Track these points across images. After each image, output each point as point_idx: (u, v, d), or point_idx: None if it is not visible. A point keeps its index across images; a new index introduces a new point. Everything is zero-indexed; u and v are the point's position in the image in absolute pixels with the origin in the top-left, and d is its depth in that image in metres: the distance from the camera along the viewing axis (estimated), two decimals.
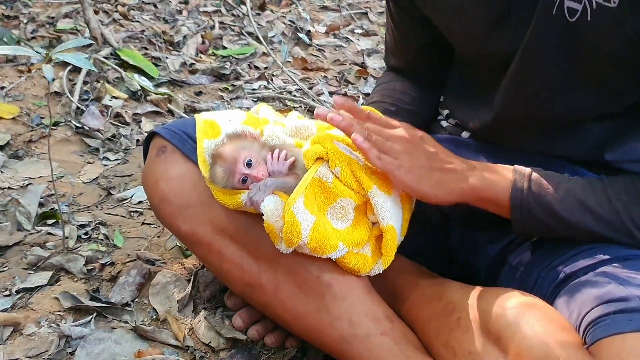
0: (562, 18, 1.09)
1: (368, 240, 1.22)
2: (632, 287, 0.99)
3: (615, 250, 1.11)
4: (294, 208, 1.13)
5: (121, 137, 2.24)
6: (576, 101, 1.19)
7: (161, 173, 1.34)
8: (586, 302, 1.01)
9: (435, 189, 1.17)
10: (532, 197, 1.14)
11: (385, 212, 1.18)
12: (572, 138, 1.27)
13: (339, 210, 1.20)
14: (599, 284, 1.03)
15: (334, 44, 3.62)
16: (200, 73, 2.86)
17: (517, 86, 1.22)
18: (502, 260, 1.31)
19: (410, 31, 1.47)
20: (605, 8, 1.04)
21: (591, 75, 1.14)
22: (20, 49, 1.36)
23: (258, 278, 1.27)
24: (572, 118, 1.23)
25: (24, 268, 1.55)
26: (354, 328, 1.21)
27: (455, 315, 1.16)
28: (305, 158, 1.21)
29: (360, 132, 1.16)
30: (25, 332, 1.35)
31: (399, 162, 1.16)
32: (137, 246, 1.69)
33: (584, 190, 1.14)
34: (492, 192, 1.17)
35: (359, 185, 1.18)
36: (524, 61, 1.17)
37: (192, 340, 1.38)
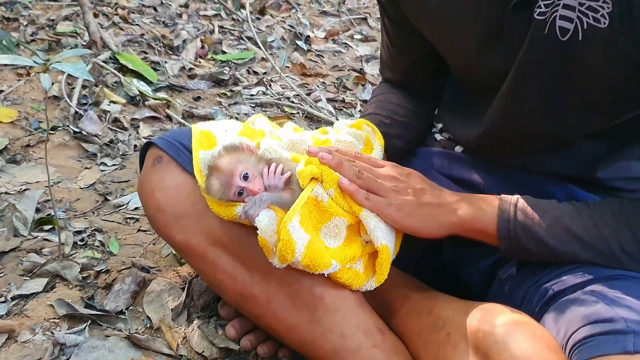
0: (554, 37, 1.10)
1: (361, 256, 1.23)
2: (619, 307, 1.00)
3: (602, 269, 1.12)
4: (289, 226, 1.14)
5: (119, 143, 2.25)
6: (568, 120, 1.21)
7: (157, 183, 1.36)
8: (573, 321, 1.02)
9: (424, 224, 1.21)
10: (520, 227, 1.16)
11: (379, 232, 1.20)
12: (564, 156, 1.28)
13: (332, 229, 1.22)
14: (587, 303, 1.04)
15: (332, 49, 3.64)
16: (199, 78, 2.87)
17: (510, 104, 1.23)
18: (492, 275, 1.32)
19: (405, 45, 1.49)
20: (595, 28, 1.05)
21: (583, 95, 1.15)
22: (19, 58, 1.38)
23: (251, 289, 1.28)
24: (563, 137, 1.25)
25: (19, 274, 1.56)
26: (345, 340, 1.22)
27: (444, 331, 1.17)
28: (300, 177, 1.22)
29: (349, 170, 1.21)
30: (20, 339, 1.36)
31: (388, 201, 1.21)
32: (132, 253, 1.70)
33: (571, 218, 1.15)
34: (480, 223, 1.20)
35: (350, 208, 1.20)
36: (517, 79, 1.19)
37: (186, 349, 1.39)
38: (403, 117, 1.52)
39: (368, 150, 1.41)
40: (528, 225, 1.16)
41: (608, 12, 1.04)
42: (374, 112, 1.53)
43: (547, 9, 1.09)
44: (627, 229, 1.12)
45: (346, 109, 2.87)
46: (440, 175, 1.45)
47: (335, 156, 1.22)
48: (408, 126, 1.52)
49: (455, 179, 1.42)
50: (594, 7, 1.05)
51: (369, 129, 1.44)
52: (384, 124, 1.49)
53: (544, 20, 1.10)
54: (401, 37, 1.47)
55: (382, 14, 1.48)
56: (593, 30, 1.06)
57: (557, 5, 1.08)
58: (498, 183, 1.35)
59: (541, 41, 1.12)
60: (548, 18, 1.10)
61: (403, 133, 1.50)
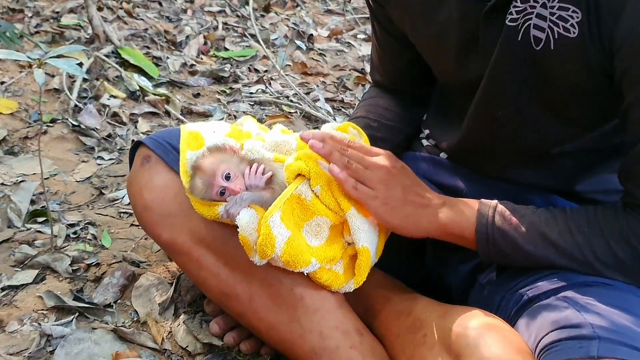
0: (527, 46, 1.12)
1: (342, 258, 1.26)
2: (588, 314, 1.02)
3: (577, 276, 1.14)
4: (270, 221, 1.16)
5: (117, 137, 2.28)
6: (540, 129, 1.22)
7: (145, 182, 1.38)
8: (543, 326, 1.04)
9: (405, 223, 1.22)
10: (497, 231, 1.18)
11: (361, 233, 1.22)
12: (543, 168, 1.30)
13: (314, 227, 1.24)
14: (557, 308, 1.06)
15: (335, 48, 3.65)
16: (200, 75, 2.90)
17: (483, 110, 1.25)
18: (472, 279, 1.35)
19: (393, 50, 1.51)
20: (566, 38, 1.07)
21: (555, 105, 1.17)
22: (14, 53, 1.40)
23: (234, 288, 1.31)
24: (538, 148, 1.27)
25: (11, 265, 1.59)
26: (324, 340, 1.24)
27: (421, 332, 1.20)
28: (287, 171, 1.24)
29: (339, 161, 1.21)
30: (8, 329, 1.39)
31: (375, 193, 1.21)
32: (124, 247, 1.72)
33: (547, 224, 1.16)
34: (458, 227, 1.21)
35: (337, 206, 1.22)
36: (488, 87, 1.21)
37: (170, 343, 1.42)
38: (390, 121, 1.54)
39: None
40: (505, 230, 1.18)
41: (577, 22, 1.05)
42: (361, 116, 1.55)
43: (518, 15, 1.11)
44: (600, 237, 1.13)
45: (345, 109, 2.88)
46: (425, 180, 1.46)
47: (326, 145, 1.23)
48: (395, 130, 1.54)
49: (438, 185, 1.44)
50: (564, 16, 1.06)
51: (354, 131, 1.46)
52: (370, 127, 1.51)
53: (516, 26, 1.12)
54: (390, 42, 1.49)
55: (372, 17, 1.50)
56: (563, 40, 1.08)
57: (529, 13, 1.10)
58: (480, 191, 1.37)
59: (513, 48, 1.14)
60: (520, 25, 1.11)
61: (390, 137, 1.52)
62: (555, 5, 1.07)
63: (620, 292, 1.09)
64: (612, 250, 1.12)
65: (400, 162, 1.28)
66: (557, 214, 1.18)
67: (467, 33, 1.21)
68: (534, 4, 1.09)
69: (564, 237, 1.15)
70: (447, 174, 1.43)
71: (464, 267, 1.37)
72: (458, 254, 1.37)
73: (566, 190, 1.30)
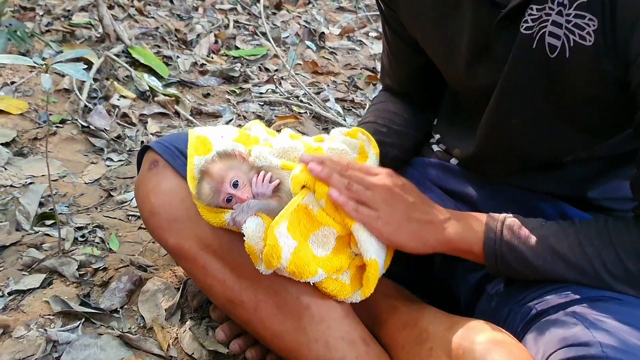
0: (542, 53, 1.10)
1: (349, 268, 1.24)
2: (597, 331, 1.00)
3: (588, 290, 1.12)
4: (276, 231, 1.15)
5: (126, 138, 2.28)
6: (554, 138, 1.21)
7: (152, 187, 1.38)
8: (551, 343, 1.02)
9: (411, 241, 1.21)
10: (505, 246, 1.16)
11: (369, 246, 1.21)
12: (555, 176, 1.29)
13: (321, 237, 1.22)
14: (566, 325, 1.04)
15: (347, 46, 3.64)
16: (210, 74, 2.89)
17: (497, 118, 1.23)
18: (481, 289, 1.33)
19: (404, 55, 1.49)
20: (581, 46, 1.05)
21: (568, 112, 1.15)
22: (20, 57, 1.39)
23: (239, 295, 1.30)
24: (551, 155, 1.25)
25: (19, 269, 1.59)
26: (329, 351, 1.23)
27: (427, 345, 1.18)
28: (293, 182, 1.23)
29: (339, 183, 1.21)
30: (15, 334, 1.39)
31: (377, 214, 1.20)
32: (131, 251, 1.72)
33: (557, 237, 1.14)
34: (466, 242, 1.20)
35: (342, 220, 1.21)
36: (503, 94, 1.19)
37: (176, 350, 1.42)
38: (400, 126, 1.52)
39: (362, 159, 1.41)
40: (513, 245, 1.16)
41: (593, 30, 1.03)
42: (370, 121, 1.54)
43: (534, 23, 1.09)
44: (611, 249, 1.11)
45: (355, 109, 2.87)
46: (434, 186, 1.45)
47: (325, 168, 1.22)
48: (405, 135, 1.52)
49: (448, 191, 1.43)
50: (580, 24, 1.04)
51: (364, 137, 1.45)
52: (380, 132, 1.49)
53: (531, 34, 1.10)
54: (401, 47, 1.48)
55: (383, 22, 1.49)
56: (579, 48, 1.06)
57: (545, 20, 1.08)
58: (491, 198, 1.36)
59: (528, 55, 1.12)
60: (535, 33, 1.10)
61: (399, 142, 1.50)
62: (571, 13, 1.05)
63: (631, 308, 1.07)
64: (623, 263, 1.10)
65: (402, 179, 1.27)
66: (567, 226, 1.16)
67: (479, 40, 1.20)
68: (550, 12, 1.07)
69: (573, 251, 1.13)
70: (458, 181, 1.41)
71: (473, 277, 1.35)
72: (467, 263, 1.35)
73: (578, 197, 1.28)
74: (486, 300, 1.30)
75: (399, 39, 1.46)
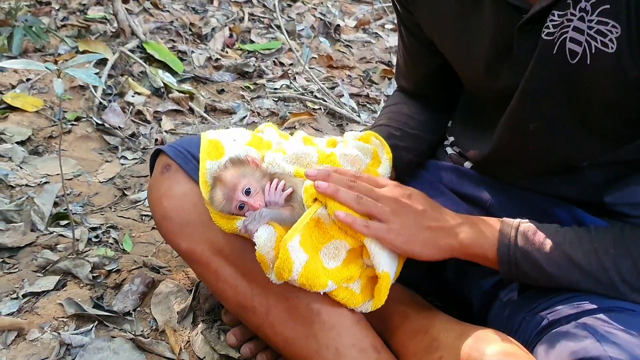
0: (563, 59, 1.09)
1: (360, 277, 1.24)
2: (608, 345, 0.99)
3: (600, 300, 1.11)
4: (289, 245, 1.16)
5: (140, 136, 2.29)
6: (573, 143, 1.19)
7: (165, 191, 1.38)
8: (561, 355, 1.01)
9: (425, 249, 1.21)
10: (519, 252, 1.15)
11: (381, 259, 1.20)
12: (571, 180, 1.27)
13: (332, 250, 1.22)
14: (577, 337, 1.03)
15: (362, 39, 3.61)
16: (224, 70, 2.89)
17: (515, 122, 1.22)
18: (494, 294, 1.32)
19: (420, 56, 1.48)
20: (603, 53, 1.04)
21: (589, 119, 1.14)
22: (33, 63, 1.39)
23: (251, 300, 1.30)
24: (569, 160, 1.23)
25: (33, 270, 1.60)
26: (339, 358, 1.23)
27: (438, 354, 1.18)
28: (305, 194, 1.23)
29: (347, 197, 1.21)
30: (29, 337, 1.40)
31: (388, 226, 1.20)
32: (145, 252, 1.73)
33: (572, 245, 1.13)
34: (480, 248, 1.19)
35: (354, 233, 1.20)
36: (522, 99, 1.18)
37: (188, 353, 1.42)
38: (414, 129, 1.51)
39: (375, 163, 1.41)
40: (528, 251, 1.15)
41: (616, 37, 1.02)
42: (384, 124, 1.53)
43: (555, 29, 1.08)
44: (627, 258, 1.10)
45: (370, 105, 2.85)
46: (447, 190, 1.44)
47: (332, 184, 1.22)
48: (419, 139, 1.51)
49: (462, 195, 1.42)
50: (603, 31, 1.03)
51: (377, 142, 1.44)
52: (394, 136, 1.48)
53: (552, 40, 1.09)
54: (417, 48, 1.46)
55: (399, 22, 1.47)
56: (600, 55, 1.04)
57: (566, 27, 1.07)
58: (505, 202, 1.34)
59: (549, 61, 1.10)
60: (557, 39, 1.08)
61: (413, 146, 1.49)
62: (594, 19, 1.03)
63: None
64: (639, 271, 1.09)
65: (409, 189, 1.27)
66: (582, 233, 1.15)
67: (500, 44, 1.18)
68: (571, 17, 1.06)
69: (588, 259, 1.12)
70: (472, 185, 1.40)
71: (486, 282, 1.34)
72: (480, 268, 1.34)
73: (594, 201, 1.26)
74: (499, 308, 1.29)
75: (415, 40, 1.44)
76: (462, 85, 1.47)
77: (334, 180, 1.23)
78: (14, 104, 2.28)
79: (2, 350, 1.37)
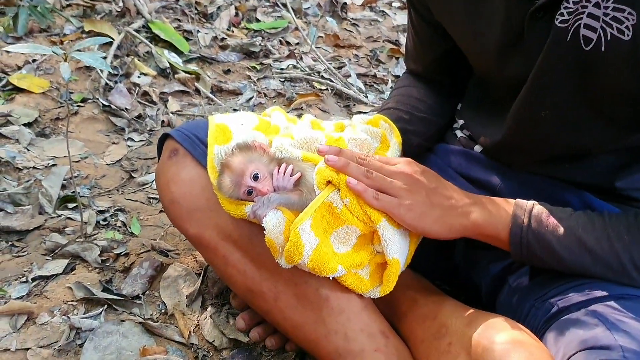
0: (576, 46, 1.07)
1: (369, 264, 1.24)
2: (618, 333, 0.99)
3: (610, 288, 1.11)
4: (300, 229, 1.15)
5: (147, 118, 2.28)
6: (585, 131, 1.18)
7: (172, 176, 1.37)
8: (571, 344, 1.01)
9: (436, 226, 1.20)
10: (532, 234, 1.15)
11: (392, 245, 1.20)
12: (582, 165, 1.26)
13: (343, 235, 1.22)
14: (587, 325, 1.03)
15: (369, 17, 3.58)
16: (230, 49, 2.87)
17: (527, 110, 1.21)
18: (503, 279, 1.32)
19: (429, 39, 1.46)
20: (618, 40, 1.03)
21: (602, 107, 1.13)
22: (39, 47, 1.39)
23: (259, 285, 1.30)
24: (580, 147, 1.22)
25: (42, 254, 1.61)
26: (348, 343, 1.23)
27: (446, 340, 1.18)
28: (318, 175, 1.22)
29: (356, 171, 1.19)
30: (39, 321, 1.41)
31: (399, 201, 1.19)
32: (153, 235, 1.73)
33: (585, 229, 1.13)
34: (493, 228, 1.19)
35: (367, 218, 1.20)
36: (534, 86, 1.16)
37: (197, 337, 1.43)
38: (423, 113, 1.50)
39: (384, 147, 1.40)
40: (541, 234, 1.15)
41: (632, 24, 1.01)
42: (393, 107, 1.51)
43: (569, 16, 1.07)
44: None
45: (377, 85, 2.83)
46: (456, 174, 1.43)
47: (342, 158, 1.21)
48: (428, 122, 1.49)
49: (472, 180, 1.41)
50: (619, 18, 1.02)
51: (386, 125, 1.42)
52: (402, 119, 1.47)
53: (566, 27, 1.07)
54: (426, 31, 1.45)
55: (408, 5, 1.45)
56: (616, 42, 1.03)
57: (580, 13, 1.05)
58: (514, 187, 1.34)
59: (562, 48, 1.09)
60: (570, 26, 1.07)
61: (422, 130, 1.48)
62: (609, 6, 1.02)
63: None
64: None
65: (422, 166, 1.26)
66: (596, 218, 1.15)
67: (511, 30, 1.17)
68: (586, 4, 1.05)
69: (601, 244, 1.12)
70: (482, 169, 1.39)
71: (495, 267, 1.34)
72: (489, 252, 1.35)
73: (604, 187, 1.26)
74: (508, 294, 1.28)
75: (425, 23, 1.43)
76: (471, 69, 1.46)
77: (345, 155, 1.22)
78: (20, 85, 2.27)
79: (12, 334, 1.37)
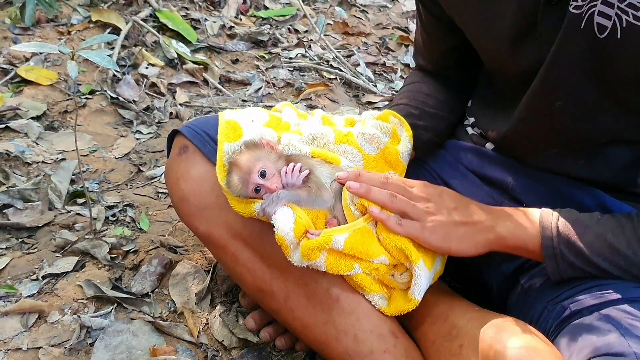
0: (590, 34, 1.05)
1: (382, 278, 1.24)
2: (632, 339, 0.97)
3: (624, 290, 1.09)
4: (334, 238, 1.15)
5: (155, 110, 2.26)
6: (599, 121, 1.16)
7: (182, 173, 1.36)
8: (584, 350, 0.99)
9: (462, 244, 1.19)
10: (563, 244, 1.13)
11: (421, 288, 1.20)
12: (597, 161, 1.24)
13: None
14: (600, 331, 1.01)
15: (378, 4, 3.54)
16: (238, 38, 2.84)
17: (540, 100, 1.19)
18: (514, 279, 1.31)
19: (439, 34, 1.44)
20: (635, 27, 1.01)
21: (615, 94, 1.11)
22: (46, 45, 1.37)
23: (269, 284, 1.29)
24: (594, 138, 1.20)
25: (52, 251, 1.61)
26: (358, 344, 1.23)
27: (457, 342, 1.17)
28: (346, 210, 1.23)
29: (380, 195, 1.19)
30: (49, 319, 1.41)
31: (422, 225, 1.18)
32: (161, 231, 1.72)
33: (614, 234, 1.12)
34: (518, 239, 1.17)
35: (405, 257, 1.19)
36: (548, 75, 1.14)
37: (206, 336, 1.43)
38: (433, 109, 1.48)
39: (395, 141, 1.38)
40: (571, 242, 1.13)
41: None
42: (403, 103, 1.50)
43: (583, 2, 1.05)
44: None
45: (386, 74, 2.81)
46: (467, 171, 1.42)
47: (364, 185, 1.21)
48: (438, 118, 1.48)
49: (483, 177, 1.39)
50: (635, 4, 1.00)
51: (396, 120, 1.41)
52: (412, 115, 1.45)
53: (580, 14, 1.05)
54: (435, 26, 1.43)
55: (417, 0, 1.43)
56: (632, 29, 1.01)
57: (595, 0, 1.03)
58: (528, 185, 1.32)
59: (576, 36, 1.07)
60: (585, 12, 1.05)
61: (432, 125, 1.46)
62: None
63: None
64: None
65: (439, 188, 1.27)
66: (624, 221, 1.14)
67: (524, 19, 1.15)
68: None
69: (632, 247, 1.11)
70: (494, 167, 1.38)
71: (506, 267, 1.33)
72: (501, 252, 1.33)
73: (619, 184, 1.24)
74: (520, 295, 1.27)
75: (434, 19, 1.40)
76: (480, 65, 1.43)
77: (365, 179, 1.22)
78: (28, 77, 2.26)
79: (24, 333, 1.38)
